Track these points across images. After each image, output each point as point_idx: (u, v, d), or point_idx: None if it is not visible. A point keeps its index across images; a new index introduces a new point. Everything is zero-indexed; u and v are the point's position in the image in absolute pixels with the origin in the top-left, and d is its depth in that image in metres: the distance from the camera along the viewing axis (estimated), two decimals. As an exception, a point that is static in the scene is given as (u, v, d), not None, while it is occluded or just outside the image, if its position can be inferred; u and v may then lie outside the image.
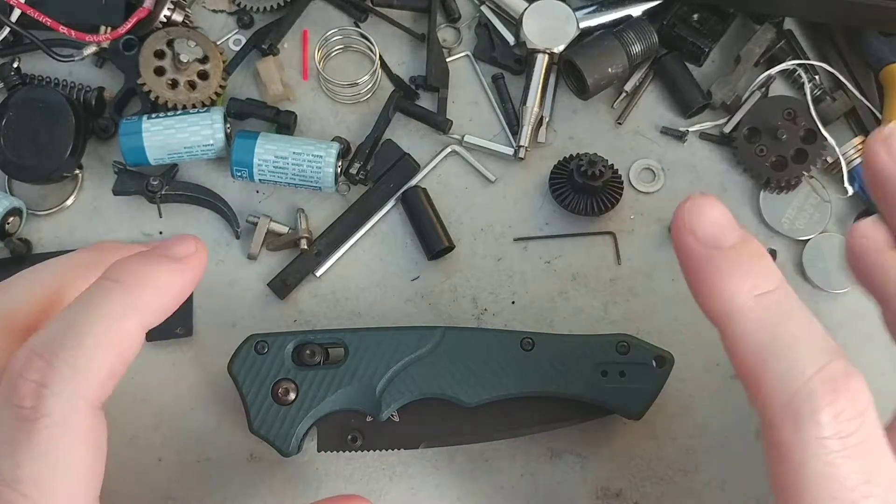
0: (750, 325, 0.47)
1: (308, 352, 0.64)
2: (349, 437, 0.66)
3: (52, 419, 0.43)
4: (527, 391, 0.64)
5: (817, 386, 0.45)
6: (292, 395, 0.64)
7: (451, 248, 0.75)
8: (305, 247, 0.74)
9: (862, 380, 0.46)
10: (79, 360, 0.44)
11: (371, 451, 0.67)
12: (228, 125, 0.75)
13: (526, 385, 0.64)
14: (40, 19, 0.75)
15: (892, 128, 0.52)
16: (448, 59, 0.80)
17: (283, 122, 0.77)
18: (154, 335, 0.72)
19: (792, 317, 0.48)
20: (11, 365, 0.44)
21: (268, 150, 0.73)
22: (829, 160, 0.76)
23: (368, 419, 0.66)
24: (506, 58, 0.80)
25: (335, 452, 0.67)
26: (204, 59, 0.76)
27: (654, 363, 0.65)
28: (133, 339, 0.47)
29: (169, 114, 0.74)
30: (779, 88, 0.79)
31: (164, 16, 0.77)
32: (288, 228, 0.75)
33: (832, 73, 0.78)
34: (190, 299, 0.73)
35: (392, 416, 0.65)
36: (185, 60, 0.75)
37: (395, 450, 0.67)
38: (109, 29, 0.76)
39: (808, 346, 0.47)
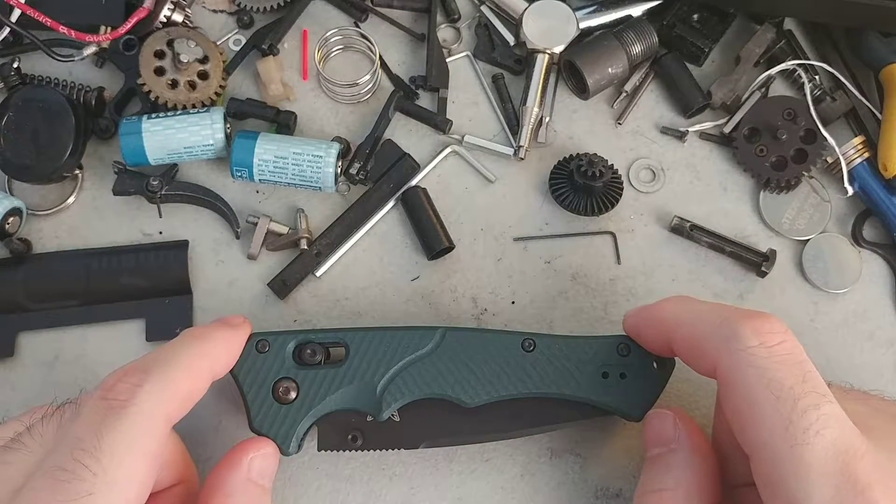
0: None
1: (309, 351, 0.64)
2: (349, 436, 0.66)
3: (140, 408, 0.53)
4: (527, 392, 0.64)
5: (733, 315, 0.56)
6: (293, 394, 0.63)
7: (451, 248, 0.75)
8: (305, 247, 0.74)
9: (776, 316, 0.56)
10: (167, 379, 0.56)
11: (371, 451, 0.67)
12: (228, 125, 0.75)
13: (526, 386, 0.64)
14: (40, 19, 0.75)
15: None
16: (448, 59, 0.80)
17: (283, 122, 0.77)
18: (155, 335, 0.72)
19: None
20: (109, 376, 0.56)
21: (268, 151, 0.73)
22: (829, 160, 0.76)
23: (369, 419, 0.66)
24: (506, 58, 0.80)
25: (335, 452, 0.67)
26: (204, 59, 0.76)
27: (654, 365, 0.65)
28: (203, 376, 0.59)
29: (169, 114, 0.74)
30: (779, 88, 0.79)
31: (164, 16, 0.77)
32: (288, 228, 0.75)
33: (832, 73, 0.78)
34: (190, 299, 0.73)
35: (392, 415, 0.65)
36: (185, 60, 0.75)
37: (396, 450, 0.67)
38: (109, 29, 0.77)
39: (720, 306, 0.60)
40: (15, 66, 0.77)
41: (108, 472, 0.50)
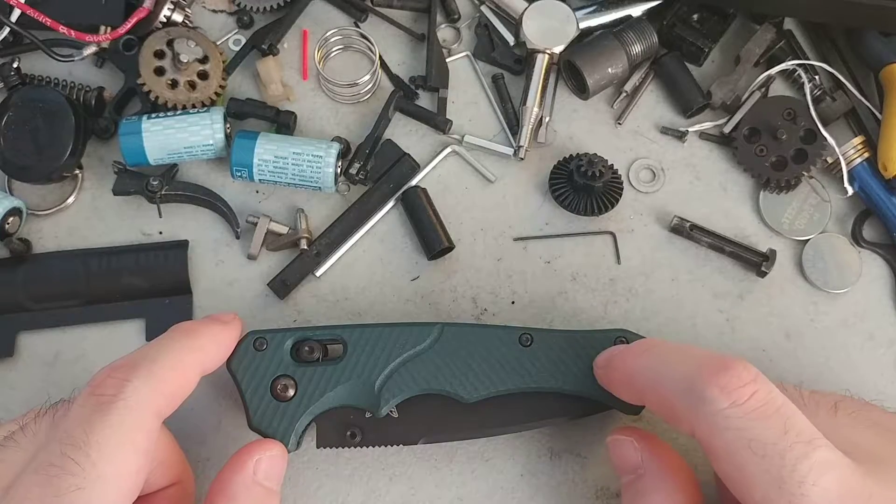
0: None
1: (307, 348, 0.64)
2: (348, 433, 0.66)
3: (128, 402, 0.54)
4: (525, 387, 0.64)
5: (698, 374, 0.53)
6: (291, 392, 0.63)
7: (451, 248, 0.75)
8: (305, 247, 0.74)
9: (742, 360, 0.53)
10: (155, 373, 0.56)
11: (371, 451, 0.67)
12: (228, 125, 0.75)
13: (524, 381, 0.64)
14: (40, 19, 0.75)
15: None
16: (448, 59, 0.80)
17: (283, 122, 0.77)
18: (155, 335, 0.72)
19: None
20: (97, 373, 0.56)
21: (268, 151, 0.73)
22: (829, 160, 0.76)
23: (367, 415, 0.66)
24: (506, 58, 0.80)
25: (335, 452, 0.67)
26: (204, 59, 0.76)
27: None
28: (192, 371, 0.60)
29: (169, 114, 0.74)
30: (779, 88, 0.79)
31: (164, 16, 0.77)
32: (288, 228, 0.75)
33: (832, 73, 0.77)
34: (190, 299, 0.73)
35: (391, 412, 0.65)
36: (185, 60, 0.75)
37: (395, 446, 0.67)
38: (109, 29, 0.77)
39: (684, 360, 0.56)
40: (15, 66, 0.77)
41: (96, 467, 0.51)
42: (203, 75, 0.76)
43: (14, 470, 0.52)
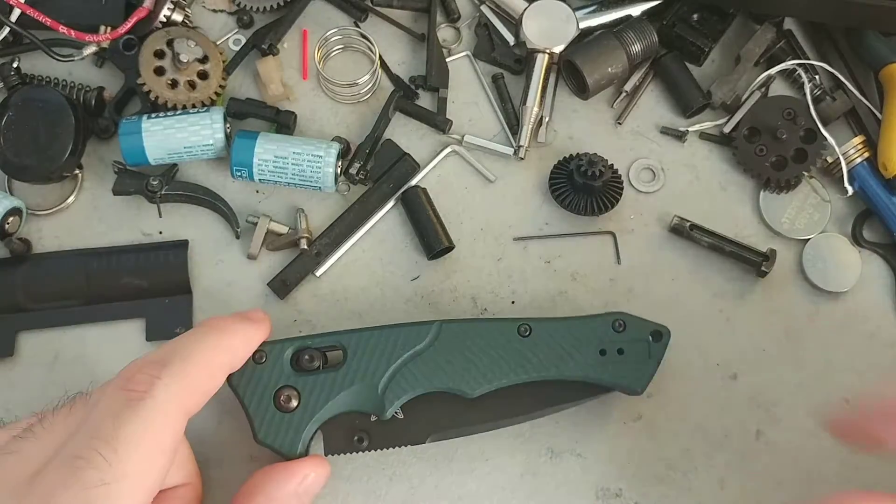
0: None
1: (306, 357, 0.64)
2: (355, 437, 0.66)
3: (157, 400, 0.54)
4: (527, 377, 0.65)
5: None
6: (294, 402, 0.63)
7: (451, 248, 0.75)
8: (305, 247, 0.74)
9: None
10: (185, 372, 0.57)
11: (371, 451, 0.67)
12: (228, 125, 0.75)
13: (526, 371, 0.65)
14: (40, 19, 0.75)
15: None
16: (448, 59, 0.80)
17: (283, 122, 0.77)
18: (155, 335, 0.72)
19: None
20: (128, 368, 0.56)
21: (267, 150, 0.73)
22: (829, 160, 0.76)
23: (373, 419, 0.66)
24: (506, 58, 0.80)
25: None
26: (204, 59, 0.76)
27: (650, 338, 0.66)
28: (221, 371, 0.61)
29: (169, 114, 0.74)
30: (779, 88, 0.79)
31: (164, 16, 0.77)
32: (288, 228, 0.75)
33: (832, 73, 0.78)
34: (190, 299, 0.73)
35: (396, 413, 0.65)
36: (185, 60, 0.75)
37: (402, 447, 0.67)
38: (109, 29, 0.77)
39: None
40: (15, 66, 0.76)
41: (123, 463, 0.51)
42: (203, 75, 0.76)
43: (32, 462, 0.52)
